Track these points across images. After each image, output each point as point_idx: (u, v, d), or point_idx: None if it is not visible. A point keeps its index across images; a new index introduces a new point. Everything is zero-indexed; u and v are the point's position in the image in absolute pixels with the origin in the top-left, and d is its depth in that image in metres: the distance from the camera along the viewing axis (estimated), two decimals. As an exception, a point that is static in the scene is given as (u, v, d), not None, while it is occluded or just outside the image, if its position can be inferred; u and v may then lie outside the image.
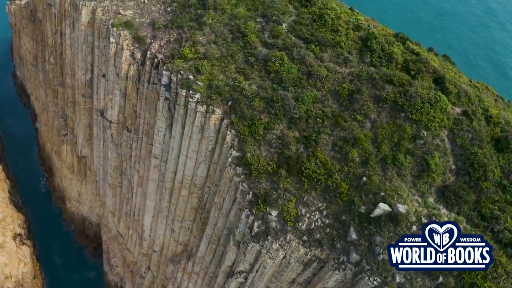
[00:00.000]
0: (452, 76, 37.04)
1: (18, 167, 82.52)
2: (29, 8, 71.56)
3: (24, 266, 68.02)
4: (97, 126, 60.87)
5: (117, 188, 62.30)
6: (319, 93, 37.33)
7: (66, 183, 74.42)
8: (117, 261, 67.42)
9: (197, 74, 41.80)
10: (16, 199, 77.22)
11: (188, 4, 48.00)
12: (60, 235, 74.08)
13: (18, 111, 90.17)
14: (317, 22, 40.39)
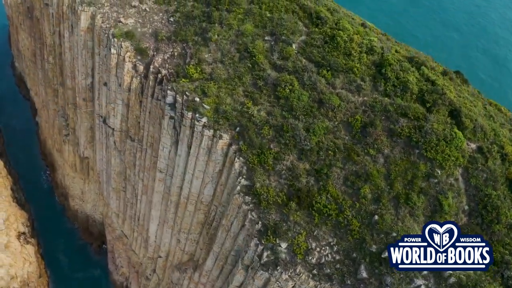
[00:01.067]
0: (468, 106, 35.92)
1: (20, 162, 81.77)
2: (26, 5, 68.90)
3: (29, 265, 68.45)
4: (99, 131, 59.84)
5: (121, 192, 61.88)
6: (330, 123, 36.28)
7: (68, 180, 73.95)
8: (122, 261, 67.86)
9: (203, 97, 40.51)
10: (19, 196, 76.96)
11: (192, 16, 46.03)
12: (64, 232, 74.28)
13: (17, 103, 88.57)
14: (329, 44, 38.75)
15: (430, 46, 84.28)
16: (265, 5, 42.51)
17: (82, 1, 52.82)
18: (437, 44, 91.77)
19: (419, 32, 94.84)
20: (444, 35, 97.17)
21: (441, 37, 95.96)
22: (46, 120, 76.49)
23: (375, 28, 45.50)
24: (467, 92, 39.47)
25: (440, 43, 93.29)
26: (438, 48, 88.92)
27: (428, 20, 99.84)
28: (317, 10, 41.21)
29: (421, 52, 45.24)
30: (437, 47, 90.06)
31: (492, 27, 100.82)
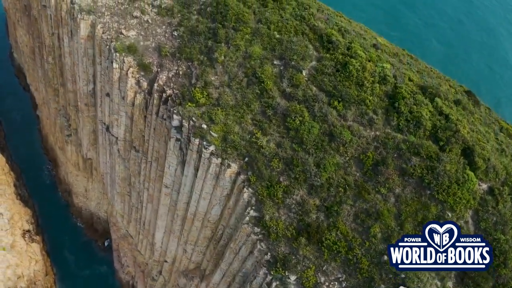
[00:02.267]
0: (481, 143, 35.33)
1: (21, 156, 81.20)
2: (23, 3, 66.33)
3: (35, 264, 69.27)
4: (102, 136, 59.15)
5: (125, 196, 61.85)
6: (341, 158, 35.77)
7: (72, 178, 73.73)
8: (128, 260, 68.68)
9: (210, 123, 39.71)
10: (22, 192, 76.93)
11: (197, 31, 44.42)
12: (69, 229, 74.71)
13: (17, 95, 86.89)
14: (340, 72, 37.58)
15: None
16: (274, 25, 40.94)
17: (81, 9, 50.92)
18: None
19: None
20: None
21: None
22: (47, 116, 75.40)
23: (387, 44, 44.14)
24: (479, 120, 38.75)
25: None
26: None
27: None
28: (328, 32, 39.72)
29: (435, 69, 44.39)
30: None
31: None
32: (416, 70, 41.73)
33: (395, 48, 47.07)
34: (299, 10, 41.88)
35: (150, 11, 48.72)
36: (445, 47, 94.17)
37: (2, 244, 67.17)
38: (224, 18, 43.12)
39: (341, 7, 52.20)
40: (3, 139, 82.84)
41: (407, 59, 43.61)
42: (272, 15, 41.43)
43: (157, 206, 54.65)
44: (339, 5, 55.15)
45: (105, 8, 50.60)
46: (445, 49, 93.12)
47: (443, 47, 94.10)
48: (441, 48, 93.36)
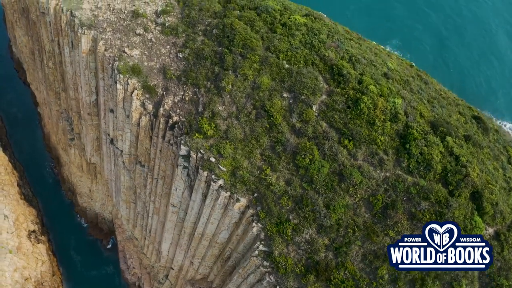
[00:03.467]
0: (489, 186, 35.33)
1: (24, 153, 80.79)
2: (21, 5, 64.13)
3: (42, 264, 70.28)
4: (106, 146, 58.77)
5: (131, 203, 62.12)
6: (351, 199, 35.80)
7: (75, 178, 73.74)
8: (134, 262, 69.73)
9: (219, 157, 39.43)
10: (26, 191, 77.11)
11: (202, 55, 43.32)
12: (74, 228, 75.31)
13: (17, 89, 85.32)
14: (351, 109, 36.96)
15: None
16: (283, 54, 39.93)
17: (82, 24, 49.57)
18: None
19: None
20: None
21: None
22: (48, 116, 74.52)
23: (398, 68, 43.25)
24: (488, 155, 38.54)
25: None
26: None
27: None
28: (339, 64, 38.78)
29: (444, 88, 44.00)
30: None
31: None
32: (427, 98, 41.07)
33: (406, 68, 46.26)
34: (308, 37, 40.75)
35: (153, 29, 47.39)
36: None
37: (9, 247, 67.84)
38: (231, 43, 41.98)
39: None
40: (5, 136, 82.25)
41: (417, 84, 42.86)
42: (281, 42, 40.32)
43: (164, 218, 55.03)
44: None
45: (106, 23, 49.22)
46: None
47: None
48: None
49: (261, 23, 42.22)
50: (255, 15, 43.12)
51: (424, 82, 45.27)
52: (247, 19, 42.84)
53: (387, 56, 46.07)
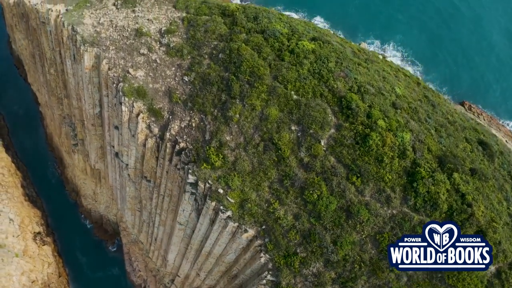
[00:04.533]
0: (493, 225, 35.78)
1: (27, 152, 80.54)
2: (20, 11, 62.56)
3: (48, 266, 71.38)
4: (111, 156, 58.79)
5: (136, 211, 62.66)
6: (358, 236, 36.30)
7: (79, 181, 74.03)
8: (139, 265, 70.87)
9: (227, 188, 39.63)
10: (30, 192, 77.43)
11: (209, 80, 42.85)
12: (79, 229, 75.98)
13: (18, 86, 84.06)
14: (360, 146, 36.97)
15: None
16: (291, 85, 39.55)
17: (84, 40, 48.81)
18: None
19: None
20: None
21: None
22: (51, 118, 74.00)
23: (406, 94, 42.96)
24: (493, 187, 38.85)
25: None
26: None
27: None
28: (347, 96, 38.47)
29: (451, 107, 44.05)
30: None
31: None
32: (434, 127, 41.03)
33: (413, 90, 45.95)
34: (317, 65, 40.24)
35: (158, 49, 46.65)
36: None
37: (15, 250, 68.75)
38: (238, 70, 41.48)
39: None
40: (7, 135, 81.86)
41: (425, 109, 42.68)
42: (289, 72, 39.85)
43: (170, 230, 55.62)
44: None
45: (109, 41, 48.42)
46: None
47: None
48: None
49: (269, 49, 41.59)
50: (262, 39, 42.43)
51: (432, 105, 45.06)
52: (254, 44, 42.17)
53: (395, 78, 45.64)
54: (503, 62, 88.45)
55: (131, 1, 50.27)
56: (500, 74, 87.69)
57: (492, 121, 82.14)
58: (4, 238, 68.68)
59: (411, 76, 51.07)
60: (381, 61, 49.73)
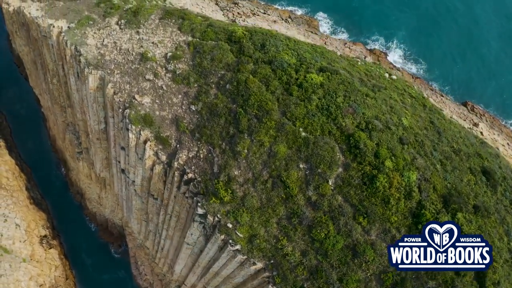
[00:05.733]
0: (494, 265, 36.80)
1: (30, 153, 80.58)
2: (20, 19, 61.31)
3: (55, 269, 72.83)
4: (116, 168, 59.09)
5: (142, 222, 63.51)
6: (363, 274, 37.30)
7: (84, 185, 74.59)
8: (145, 269, 72.35)
9: (235, 223, 40.31)
10: (35, 194, 78.09)
11: (216, 111, 42.82)
12: (84, 231, 76.95)
13: (19, 84, 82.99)
14: (367, 187, 37.51)
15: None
16: (299, 122, 39.65)
17: (88, 63, 48.47)
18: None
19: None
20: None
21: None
22: (54, 123, 73.83)
23: (413, 125, 43.16)
24: (494, 222, 39.68)
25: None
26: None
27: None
28: (355, 135, 38.69)
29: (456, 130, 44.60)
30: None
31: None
32: (439, 159, 41.48)
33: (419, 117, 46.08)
34: (325, 100, 40.24)
35: (164, 75, 46.31)
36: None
37: (22, 255, 69.96)
38: (246, 103, 41.44)
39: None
40: (10, 135, 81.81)
41: (431, 138, 43.04)
42: (297, 108, 39.88)
43: (177, 244, 56.59)
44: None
45: (114, 64, 48.01)
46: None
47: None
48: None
49: (277, 82, 41.43)
50: (270, 71, 42.18)
51: (437, 132, 45.34)
52: (262, 76, 41.96)
53: (402, 105, 45.70)
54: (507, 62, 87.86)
55: (135, 21, 49.51)
56: (503, 75, 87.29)
57: (494, 122, 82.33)
58: (12, 244, 69.78)
59: (417, 97, 51.03)
60: (388, 83, 49.59)
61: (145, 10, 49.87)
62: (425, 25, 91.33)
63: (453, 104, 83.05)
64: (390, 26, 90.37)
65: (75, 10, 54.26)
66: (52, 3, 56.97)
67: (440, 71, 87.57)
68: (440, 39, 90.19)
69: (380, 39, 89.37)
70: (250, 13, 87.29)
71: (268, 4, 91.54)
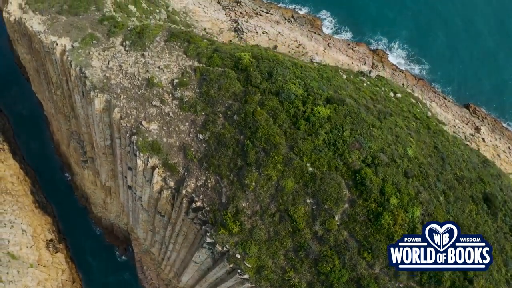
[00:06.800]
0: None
1: (33, 155, 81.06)
2: (22, 30, 60.51)
3: (62, 273, 74.32)
4: (122, 181, 59.60)
5: (149, 232, 64.54)
6: (367, 306, 38.68)
7: (89, 190, 75.30)
8: (151, 274, 73.93)
9: (244, 254, 41.30)
10: (40, 198, 78.89)
11: (224, 142, 43.19)
12: (90, 233, 78.30)
13: (20, 85, 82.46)
14: (372, 223, 38.42)
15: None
16: (307, 157, 40.17)
17: (94, 86, 48.51)
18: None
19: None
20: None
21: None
22: (58, 128, 73.84)
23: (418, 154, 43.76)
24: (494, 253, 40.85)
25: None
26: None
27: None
28: (362, 172, 39.33)
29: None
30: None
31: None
32: (442, 190, 42.31)
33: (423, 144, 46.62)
34: (332, 135, 40.64)
35: (170, 102, 46.41)
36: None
37: (30, 261, 71.32)
38: (254, 135, 41.83)
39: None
40: (13, 137, 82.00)
41: (435, 167, 43.73)
42: (304, 143, 40.32)
43: (183, 257, 57.76)
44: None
45: (120, 89, 48.01)
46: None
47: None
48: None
49: (284, 115, 41.71)
50: (278, 102, 42.39)
51: (441, 158, 46.01)
52: (269, 108, 42.21)
53: (407, 132, 46.16)
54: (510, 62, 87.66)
55: (140, 43, 49.21)
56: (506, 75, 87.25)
57: (496, 125, 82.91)
58: (19, 250, 71.04)
59: (422, 118, 51.51)
60: (393, 106, 49.90)
61: (149, 32, 49.49)
62: (428, 25, 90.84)
63: (456, 107, 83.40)
64: (393, 26, 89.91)
65: (78, 27, 53.74)
66: (54, 17, 56.33)
67: (443, 71, 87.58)
68: (443, 39, 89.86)
69: (383, 39, 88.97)
70: (253, 13, 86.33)
71: (270, 3, 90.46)
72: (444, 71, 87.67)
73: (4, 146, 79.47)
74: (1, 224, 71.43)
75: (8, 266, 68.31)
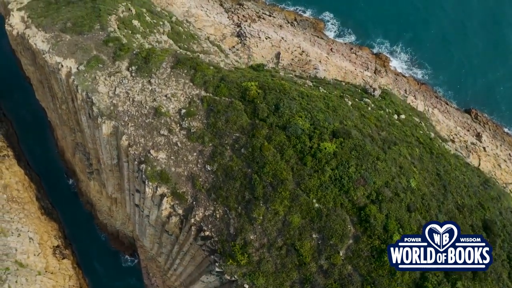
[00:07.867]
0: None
1: (37, 160, 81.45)
2: (25, 45, 60.25)
3: (69, 279, 75.86)
4: (129, 196, 60.54)
5: (155, 244, 65.89)
6: (371, 338, 40.34)
7: (94, 198, 76.33)
8: (157, 281, 75.64)
9: (252, 284, 42.70)
10: (45, 204, 79.81)
11: (232, 175, 44.05)
12: (96, 238, 79.49)
13: (22, 88, 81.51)
14: (376, 260, 39.73)
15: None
16: (313, 193, 41.17)
17: (101, 113, 48.95)
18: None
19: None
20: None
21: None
22: (62, 136, 74.25)
23: (420, 186, 44.78)
24: (491, 284, 42.30)
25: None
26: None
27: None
28: (366, 210, 40.44)
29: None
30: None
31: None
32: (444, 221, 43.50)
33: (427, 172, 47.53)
34: (338, 171, 41.54)
35: (178, 131, 46.99)
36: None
37: (37, 268, 72.74)
38: (261, 170, 42.68)
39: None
40: (17, 143, 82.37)
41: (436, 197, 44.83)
42: (311, 179, 41.24)
43: (190, 272, 59.26)
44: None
45: (127, 116, 48.49)
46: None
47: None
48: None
49: (291, 151, 42.46)
50: (285, 137, 43.09)
51: (443, 186, 47.04)
52: (277, 143, 42.93)
53: (411, 161, 47.01)
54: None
55: (146, 69, 49.41)
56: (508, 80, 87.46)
57: (497, 130, 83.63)
58: (26, 258, 72.40)
59: (425, 142, 52.16)
60: (397, 131, 50.55)
61: (156, 57, 49.62)
62: (431, 28, 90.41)
63: (458, 113, 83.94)
64: (396, 27, 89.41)
65: (83, 48, 53.73)
66: (58, 36, 56.23)
67: (445, 76, 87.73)
68: (446, 42, 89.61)
69: (386, 42, 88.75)
70: (256, 16, 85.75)
71: (273, 5, 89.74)
72: (447, 75, 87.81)
73: (9, 152, 79.95)
74: (8, 233, 72.71)
75: (16, 274, 69.82)
